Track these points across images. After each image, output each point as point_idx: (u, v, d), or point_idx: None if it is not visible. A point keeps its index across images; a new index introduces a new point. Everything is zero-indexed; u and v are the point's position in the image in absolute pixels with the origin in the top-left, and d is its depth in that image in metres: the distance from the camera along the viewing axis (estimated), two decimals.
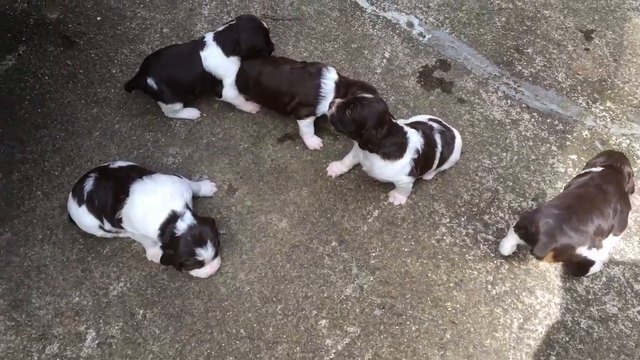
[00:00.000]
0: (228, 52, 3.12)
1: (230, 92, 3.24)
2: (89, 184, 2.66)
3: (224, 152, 3.21)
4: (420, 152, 2.80)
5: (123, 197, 2.59)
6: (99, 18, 3.73)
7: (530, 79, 3.57)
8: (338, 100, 2.72)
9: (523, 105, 3.45)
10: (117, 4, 3.80)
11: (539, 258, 2.62)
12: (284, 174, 3.15)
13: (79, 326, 2.65)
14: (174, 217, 2.56)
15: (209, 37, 3.15)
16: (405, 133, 2.77)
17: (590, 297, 2.79)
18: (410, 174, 2.82)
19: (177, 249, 2.55)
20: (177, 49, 3.24)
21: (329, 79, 3.08)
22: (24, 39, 3.61)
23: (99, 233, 2.75)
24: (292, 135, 3.29)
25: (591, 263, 2.69)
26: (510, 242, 2.77)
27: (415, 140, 2.79)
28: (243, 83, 3.19)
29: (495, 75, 3.58)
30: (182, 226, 2.55)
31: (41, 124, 3.25)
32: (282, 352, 2.60)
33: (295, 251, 2.89)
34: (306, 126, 3.20)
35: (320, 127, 3.28)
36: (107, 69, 3.50)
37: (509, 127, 3.36)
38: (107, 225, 2.69)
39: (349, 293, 2.77)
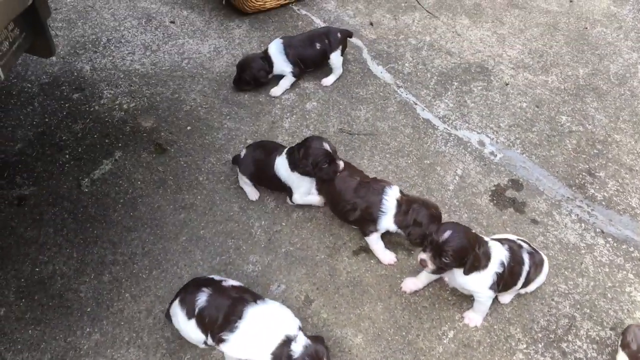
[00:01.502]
0: (291, 168, 3.34)
1: (298, 200, 3.48)
2: (201, 300, 2.72)
3: (301, 262, 3.33)
4: (506, 266, 2.84)
5: (235, 319, 2.65)
6: (189, 128, 4.03)
7: (603, 203, 3.62)
8: (424, 256, 2.79)
9: (597, 230, 3.48)
10: (206, 115, 4.10)
11: None
12: (359, 288, 3.23)
13: None
14: (287, 342, 2.59)
15: (286, 149, 3.40)
16: (486, 243, 2.84)
17: None
18: (492, 287, 2.85)
19: None
20: (269, 144, 3.62)
21: (391, 196, 3.21)
22: (120, 145, 3.91)
23: (201, 346, 2.84)
24: (367, 249, 3.38)
25: None
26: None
27: (499, 253, 2.84)
28: None
29: (568, 197, 3.64)
30: (297, 349, 2.56)
31: (132, 227, 3.47)
32: None
33: None
34: (374, 242, 3.32)
35: (394, 242, 3.38)
36: (195, 176, 3.74)
37: (583, 251, 3.38)
38: (210, 340, 2.77)
39: None
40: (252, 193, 3.59)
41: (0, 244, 3.35)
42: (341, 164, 3.29)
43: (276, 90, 4.25)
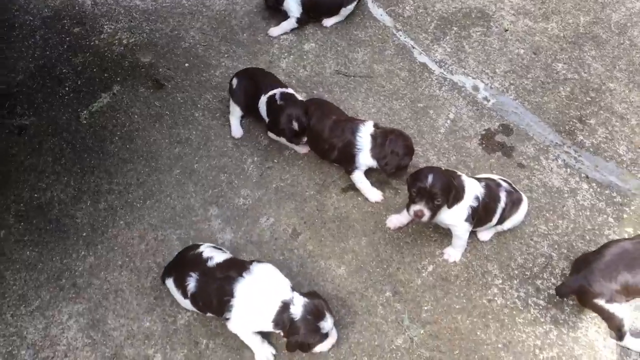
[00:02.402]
0: (266, 114, 3.52)
1: (273, 136, 3.61)
2: (191, 285, 2.75)
3: (290, 198, 3.44)
4: (480, 200, 2.94)
5: (228, 299, 2.68)
6: (187, 64, 4.08)
7: (591, 149, 3.66)
8: (418, 207, 2.85)
9: (582, 175, 3.53)
10: (204, 53, 4.15)
11: (558, 294, 2.94)
12: (345, 223, 3.33)
13: (147, 349, 2.88)
14: (285, 306, 2.63)
15: (277, 91, 3.51)
16: (459, 176, 2.94)
17: None
18: (467, 219, 2.96)
19: (300, 331, 2.61)
20: (259, 74, 3.73)
21: (364, 132, 3.32)
22: (118, 79, 3.99)
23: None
24: (355, 187, 3.47)
25: (620, 323, 2.77)
26: None
27: (474, 188, 2.95)
28: None
29: (557, 143, 3.69)
30: (297, 310, 2.62)
31: (128, 158, 3.58)
32: None
33: (351, 298, 3.05)
34: (358, 181, 3.41)
35: (382, 180, 3.47)
36: (191, 112, 3.81)
37: (566, 195, 3.45)
38: (209, 314, 2.86)
39: (399, 343, 2.90)
40: (236, 130, 3.68)
41: (1, 170, 3.49)
42: (303, 140, 3.42)
43: (274, 31, 4.27)
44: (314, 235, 3.28)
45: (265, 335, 2.86)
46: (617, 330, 2.81)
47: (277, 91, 3.49)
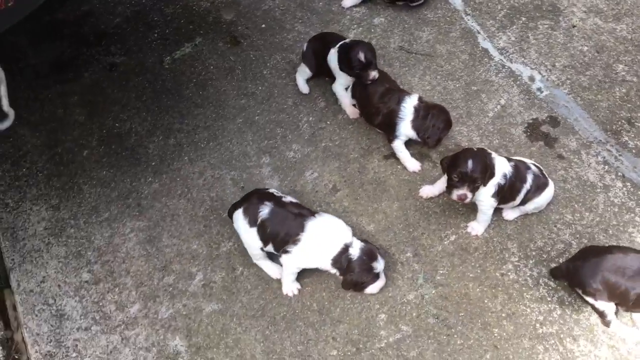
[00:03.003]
0: (338, 62, 3.74)
1: (337, 89, 3.90)
2: (264, 212, 3.06)
3: (336, 157, 3.76)
4: (508, 178, 3.16)
5: (298, 232, 3.01)
6: (263, 25, 4.45)
7: (633, 150, 3.74)
8: (461, 191, 3.08)
9: (619, 174, 3.64)
10: (281, 16, 4.50)
11: (551, 275, 3.22)
12: (382, 187, 3.63)
13: (192, 267, 3.33)
14: (345, 248, 3.00)
15: (340, 44, 3.78)
16: (490, 154, 3.18)
17: (631, 358, 2.99)
18: (493, 195, 3.18)
19: (355, 270, 2.98)
20: (328, 36, 4.02)
21: (408, 104, 3.55)
22: (201, 32, 4.42)
23: (256, 252, 3.20)
24: (397, 156, 3.74)
25: (602, 314, 2.99)
26: None
27: (503, 166, 3.18)
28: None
29: (600, 140, 3.80)
30: (354, 252, 3.00)
31: (199, 104, 4.01)
32: (343, 330, 3.10)
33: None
34: (398, 150, 3.66)
35: (423, 153, 3.73)
36: (260, 69, 4.19)
37: (599, 190, 3.57)
38: (269, 247, 3.12)
39: (411, 298, 3.20)
40: (304, 87, 4.02)
41: (91, 99, 4.03)
42: (371, 75, 3.59)
43: (347, 2, 4.55)
44: (351, 193, 3.60)
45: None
46: (601, 317, 3.03)
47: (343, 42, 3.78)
